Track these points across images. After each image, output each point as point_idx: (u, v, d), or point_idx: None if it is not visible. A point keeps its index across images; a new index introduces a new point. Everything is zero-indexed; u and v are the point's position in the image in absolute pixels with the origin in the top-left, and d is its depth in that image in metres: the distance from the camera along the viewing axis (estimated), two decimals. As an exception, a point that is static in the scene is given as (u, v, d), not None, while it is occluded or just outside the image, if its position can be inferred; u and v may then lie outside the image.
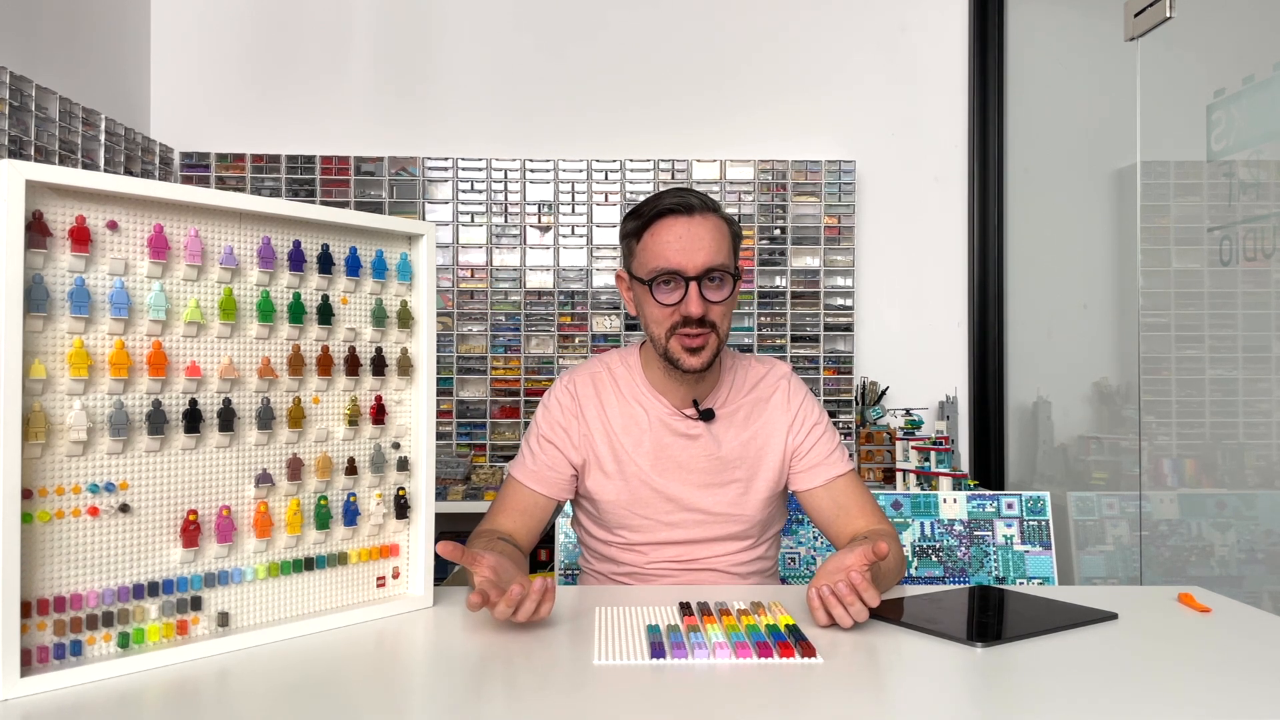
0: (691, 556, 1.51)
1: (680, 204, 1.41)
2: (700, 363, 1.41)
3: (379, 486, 1.25)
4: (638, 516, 1.49)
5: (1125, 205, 2.68)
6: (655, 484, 1.49)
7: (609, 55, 3.50)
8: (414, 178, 3.37)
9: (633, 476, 1.49)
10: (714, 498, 1.50)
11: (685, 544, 1.50)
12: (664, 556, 1.51)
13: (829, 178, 3.41)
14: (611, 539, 1.53)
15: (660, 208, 1.41)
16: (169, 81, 3.44)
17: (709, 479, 1.50)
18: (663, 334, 1.42)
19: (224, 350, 1.10)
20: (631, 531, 1.51)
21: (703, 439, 1.50)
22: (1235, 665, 1.05)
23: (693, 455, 1.50)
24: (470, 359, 3.37)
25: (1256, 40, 2.22)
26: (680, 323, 1.40)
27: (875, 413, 3.36)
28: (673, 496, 1.49)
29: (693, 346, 1.40)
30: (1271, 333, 2.18)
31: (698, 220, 1.40)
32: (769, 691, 0.95)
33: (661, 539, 1.50)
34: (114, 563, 1.01)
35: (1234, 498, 2.30)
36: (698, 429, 1.50)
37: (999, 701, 0.97)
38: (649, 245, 1.41)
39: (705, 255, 1.39)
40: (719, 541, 1.51)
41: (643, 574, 1.52)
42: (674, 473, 1.49)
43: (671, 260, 1.38)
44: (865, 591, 1.13)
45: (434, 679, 1.04)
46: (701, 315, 1.39)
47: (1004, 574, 1.83)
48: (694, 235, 1.39)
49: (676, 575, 1.51)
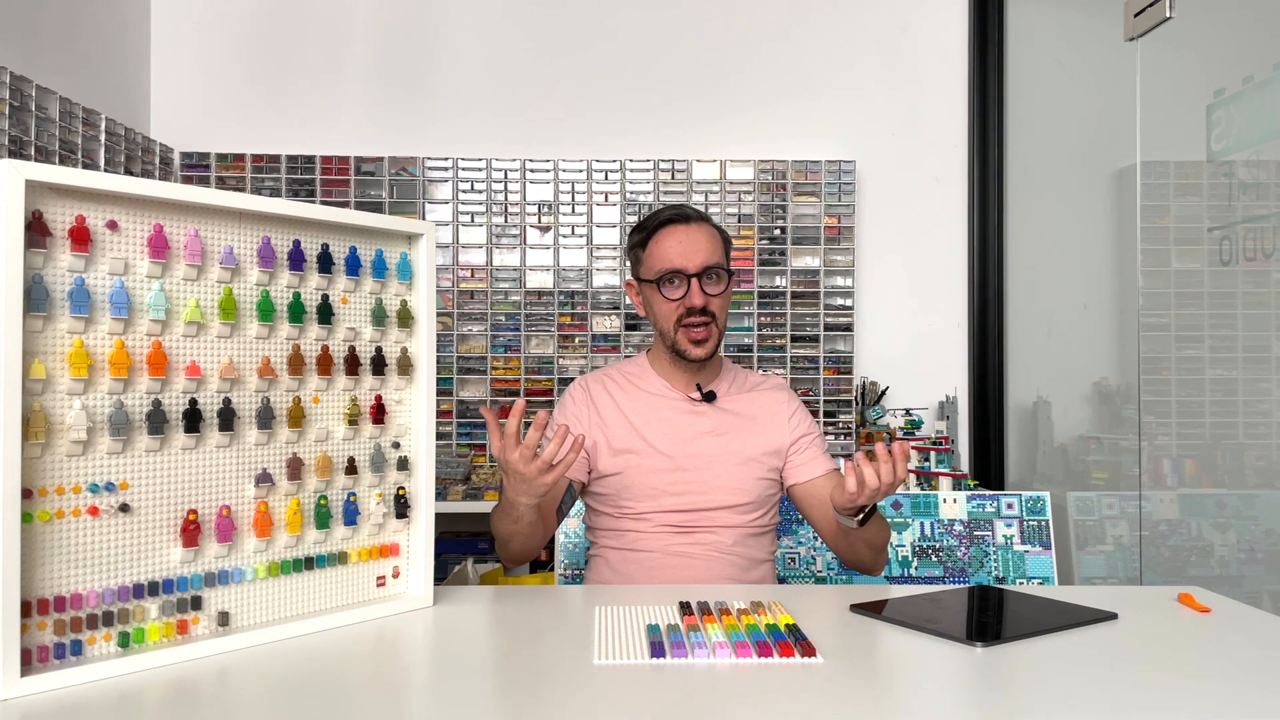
0: (693, 524, 1.61)
1: (678, 214, 1.64)
2: (704, 352, 1.62)
3: (379, 486, 1.25)
4: (643, 485, 1.61)
5: (1125, 205, 2.68)
6: (662, 449, 1.62)
7: (609, 55, 3.50)
8: (414, 178, 3.37)
9: (641, 448, 1.63)
10: (714, 467, 1.63)
11: (687, 511, 1.61)
12: (667, 523, 1.61)
13: (829, 178, 3.40)
14: (617, 514, 1.64)
15: (661, 219, 1.65)
16: (169, 81, 3.44)
17: (711, 449, 1.64)
18: (671, 327, 1.62)
19: (224, 350, 1.10)
20: (637, 501, 1.62)
21: (705, 416, 1.67)
22: (1235, 665, 1.05)
23: (697, 429, 1.65)
24: (470, 359, 3.37)
25: (1256, 40, 2.22)
26: (685, 314, 1.60)
27: (875, 413, 3.36)
28: (677, 465, 1.62)
29: (697, 338, 1.61)
30: (1271, 333, 2.18)
31: (694, 227, 1.63)
32: (769, 691, 0.95)
33: (666, 506, 1.61)
34: (114, 562, 1.01)
35: (1234, 498, 2.30)
36: (702, 408, 1.67)
37: (999, 701, 0.97)
38: (654, 251, 1.63)
39: (703, 256, 1.60)
40: (718, 511, 1.62)
41: (647, 537, 1.60)
42: (678, 443, 1.64)
43: (675, 261, 1.60)
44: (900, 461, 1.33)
45: (434, 679, 1.04)
46: (703, 306, 1.60)
47: (1004, 574, 1.83)
48: (692, 239, 1.61)
49: (678, 545, 1.60)
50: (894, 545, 1.84)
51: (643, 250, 1.66)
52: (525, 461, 1.26)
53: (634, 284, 1.70)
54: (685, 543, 1.60)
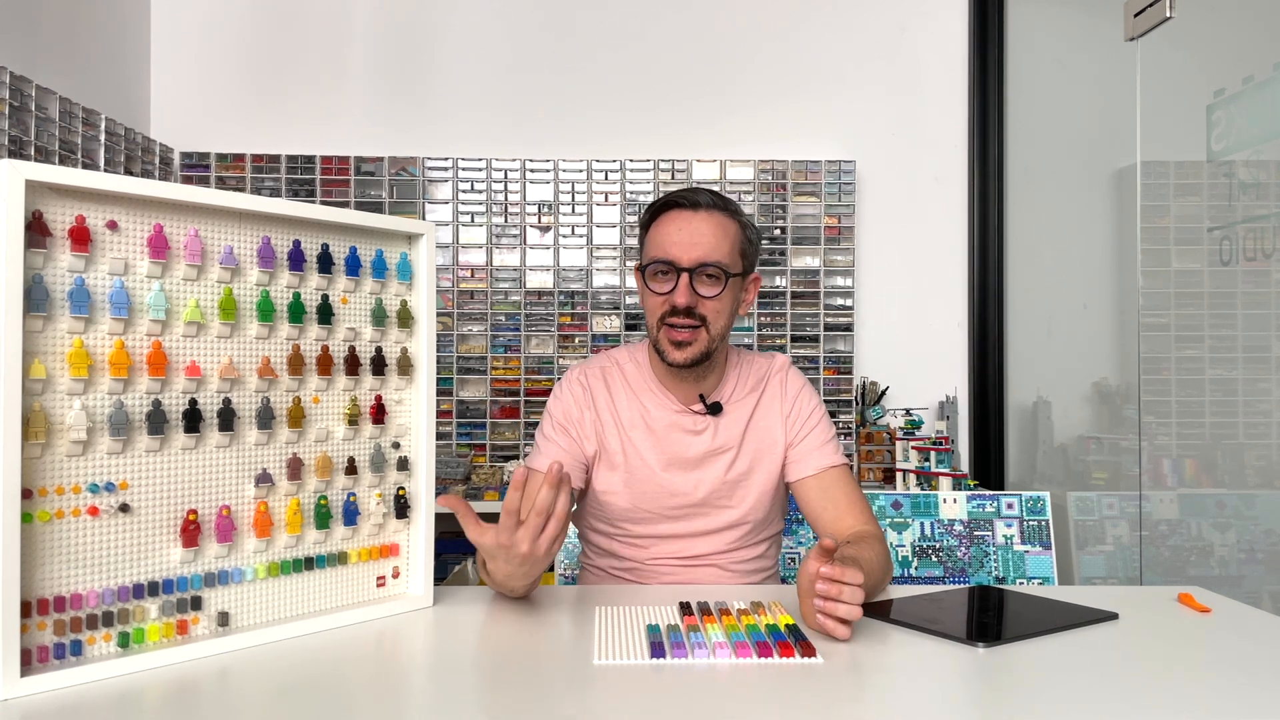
0: (693, 552, 1.51)
1: (686, 199, 1.44)
2: (684, 358, 1.42)
3: (379, 486, 1.25)
4: (641, 510, 1.50)
5: (1125, 205, 2.68)
6: (660, 479, 1.49)
7: (609, 55, 3.50)
8: (414, 178, 3.37)
9: (638, 470, 1.50)
10: (717, 494, 1.50)
11: (686, 538, 1.51)
12: (665, 551, 1.51)
13: (829, 178, 3.41)
14: (614, 533, 1.54)
15: (666, 200, 1.46)
16: (169, 81, 3.44)
17: (713, 474, 1.50)
18: (654, 323, 1.45)
19: (224, 350, 1.10)
20: (634, 524, 1.51)
21: (708, 434, 1.51)
22: (1235, 665, 1.05)
23: (698, 451, 1.50)
24: (470, 359, 3.37)
25: (1256, 40, 2.22)
26: (669, 313, 1.42)
27: (875, 413, 3.36)
28: (676, 491, 1.49)
29: (678, 340, 1.42)
30: (1271, 333, 2.18)
31: (701, 216, 1.43)
32: (769, 691, 0.95)
33: (663, 532, 1.51)
34: (114, 563, 1.01)
35: (1234, 498, 2.30)
36: (705, 424, 1.51)
37: (999, 701, 0.97)
38: (653, 236, 1.46)
39: (701, 250, 1.41)
40: (720, 535, 1.51)
41: (643, 569, 1.52)
42: (679, 468, 1.50)
43: (669, 251, 1.42)
44: (844, 575, 1.08)
45: (434, 679, 1.04)
46: (689, 306, 1.40)
47: (1004, 574, 1.83)
48: (693, 229, 1.42)
49: (676, 572, 1.51)
50: (894, 545, 1.83)
51: (645, 233, 1.49)
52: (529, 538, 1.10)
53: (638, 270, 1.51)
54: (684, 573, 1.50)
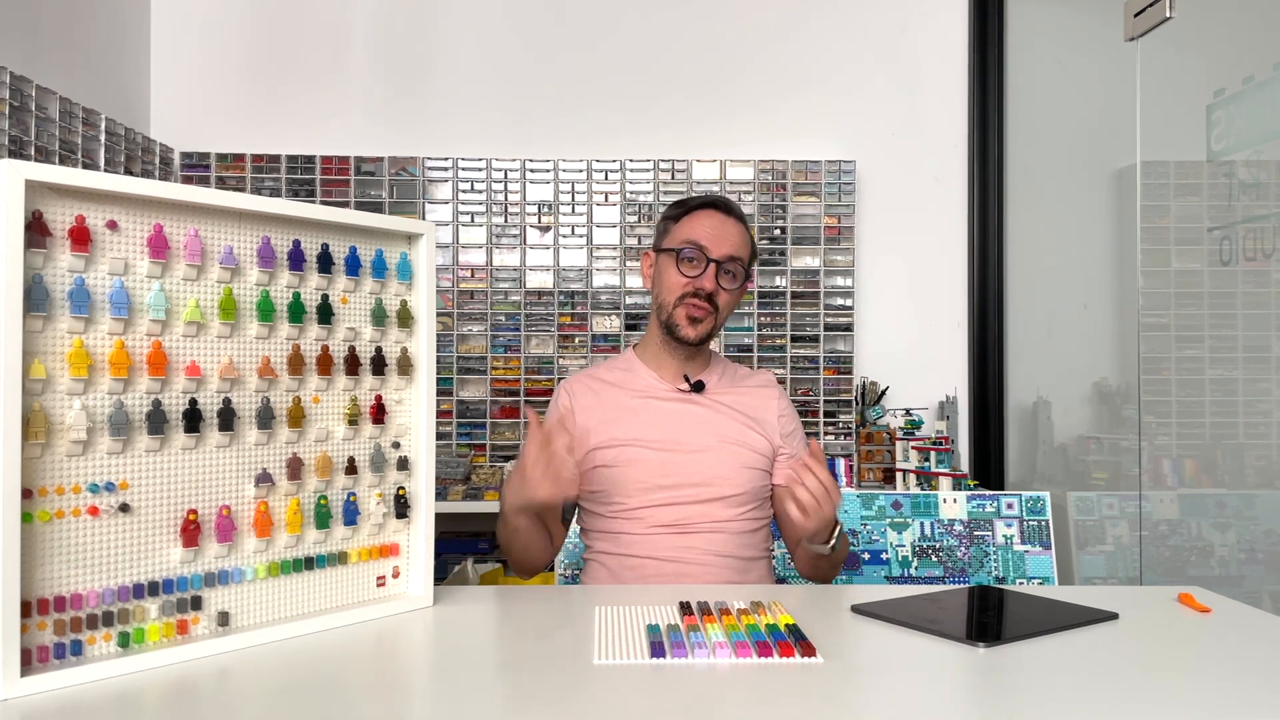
0: (686, 521, 1.58)
1: (723, 203, 1.67)
2: (697, 334, 1.62)
3: (379, 486, 1.25)
4: (634, 478, 1.60)
5: (1125, 205, 2.68)
6: (651, 438, 1.62)
7: (609, 55, 3.50)
8: (414, 178, 3.37)
9: (630, 439, 1.62)
10: (704, 459, 1.61)
11: (680, 505, 1.59)
12: (660, 520, 1.58)
13: (829, 178, 3.41)
14: (610, 511, 1.61)
15: (705, 200, 1.67)
16: (169, 81, 3.44)
17: (700, 441, 1.62)
18: (672, 300, 1.63)
19: (224, 350, 1.10)
20: (628, 497, 1.60)
21: (694, 406, 1.66)
22: (1235, 665, 1.05)
23: (685, 417, 1.65)
24: (470, 359, 3.37)
25: (1256, 40, 2.22)
26: (692, 293, 1.61)
27: (875, 413, 3.36)
28: (666, 458, 1.60)
29: (695, 316, 1.61)
30: (1271, 333, 2.18)
31: (732, 221, 1.66)
32: (769, 691, 0.95)
33: (657, 500, 1.59)
34: (114, 562, 1.01)
35: (1234, 498, 2.30)
36: (691, 398, 1.67)
37: (999, 701, 0.97)
38: (686, 224, 1.65)
39: (730, 246, 1.62)
40: (711, 504, 1.60)
41: (642, 540, 1.58)
42: (667, 430, 1.63)
43: (702, 239, 1.62)
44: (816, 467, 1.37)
45: (434, 679, 1.04)
46: (711, 292, 1.61)
47: (1004, 574, 1.83)
48: (726, 228, 1.64)
49: (674, 540, 1.57)
50: (894, 545, 1.84)
51: (675, 223, 1.66)
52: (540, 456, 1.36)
53: (651, 255, 1.71)
54: (679, 546, 1.57)
